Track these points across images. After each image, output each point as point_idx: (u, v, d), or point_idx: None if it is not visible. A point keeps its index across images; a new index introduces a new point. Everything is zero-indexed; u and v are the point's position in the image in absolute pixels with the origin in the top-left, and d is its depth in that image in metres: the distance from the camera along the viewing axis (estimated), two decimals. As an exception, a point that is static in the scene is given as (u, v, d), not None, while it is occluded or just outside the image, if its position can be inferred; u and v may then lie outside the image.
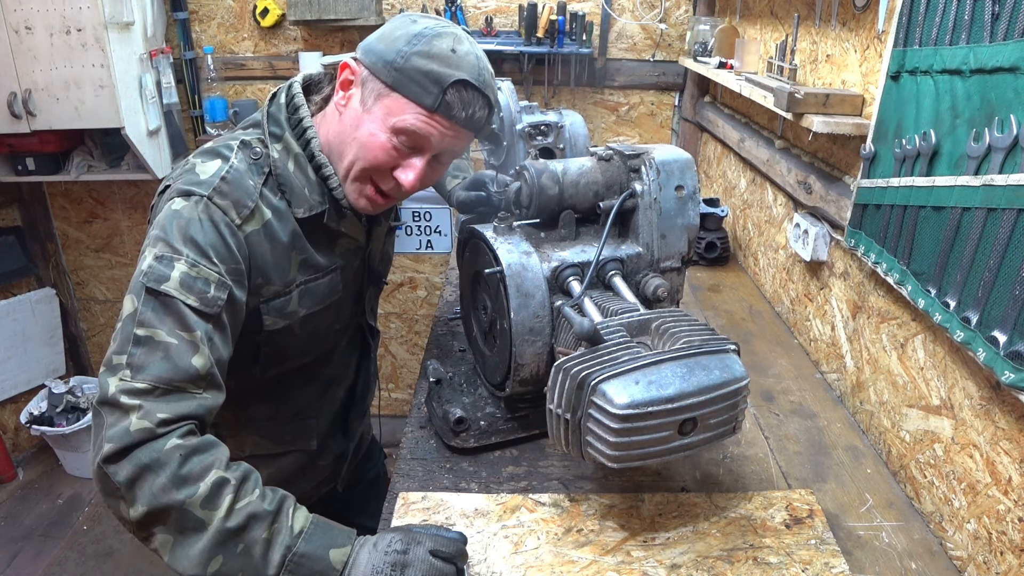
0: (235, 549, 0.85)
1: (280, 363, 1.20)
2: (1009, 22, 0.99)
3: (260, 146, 1.08)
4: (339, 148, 1.08)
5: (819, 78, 1.73)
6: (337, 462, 1.47)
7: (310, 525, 0.90)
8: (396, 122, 1.02)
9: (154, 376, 0.89)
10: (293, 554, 0.87)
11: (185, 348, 0.91)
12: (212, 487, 0.86)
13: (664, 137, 3.02)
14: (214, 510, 0.85)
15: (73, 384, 3.27)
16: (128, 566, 2.73)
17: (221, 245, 0.98)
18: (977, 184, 1.03)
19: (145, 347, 0.90)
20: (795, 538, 1.09)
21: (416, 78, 1.00)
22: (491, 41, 2.71)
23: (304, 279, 1.13)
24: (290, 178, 1.08)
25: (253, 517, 0.87)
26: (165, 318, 0.92)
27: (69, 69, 2.43)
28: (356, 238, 1.21)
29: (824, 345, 1.69)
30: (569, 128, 1.81)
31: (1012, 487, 1.03)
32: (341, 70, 1.05)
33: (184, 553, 0.85)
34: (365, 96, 1.04)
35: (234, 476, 0.89)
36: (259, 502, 0.88)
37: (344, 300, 1.25)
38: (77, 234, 3.26)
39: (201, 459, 0.88)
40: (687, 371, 0.94)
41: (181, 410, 0.89)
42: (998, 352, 0.98)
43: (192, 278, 0.94)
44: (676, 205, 1.26)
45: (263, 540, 0.86)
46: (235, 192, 1.02)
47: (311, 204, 1.09)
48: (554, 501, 1.17)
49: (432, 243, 3.24)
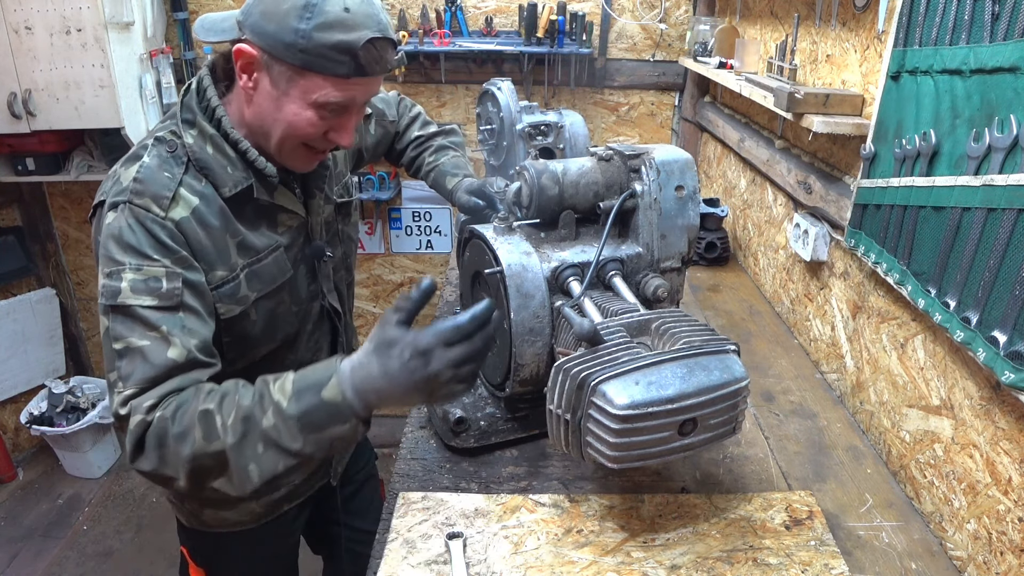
0: (256, 451, 0.90)
1: (244, 353, 1.19)
2: (1009, 22, 0.99)
3: (173, 137, 1.09)
4: (262, 128, 1.09)
5: (819, 78, 1.73)
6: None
7: (291, 387, 0.91)
8: (317, 98, 1.04)
9: (139, 379, 0.95)
10: (297, 420, 0.88)
11: (158, 346, 0.97)
12: (202, 425, 0.91)
13: (664, 137, 3.02)
14: (216, 439, 0.90)
15: (73, 384, 3.27)
16: (128, 566, 2.73)
17: (155, 242, 1.01)
18: (977, 184, 1.03)
19: (125, 358, 0.96)
20: (795, 539, 1.09)
21: (324, 54, 0.99)
22: (491, 41, 2.71)
23: (246, 262, 1.13)
24: (209, 160, 1.09)
25: (246, 419, 0.90)
26: (133, 326, 0.97)
27: (69, 69, 2.43)
28: (296, 212, 1.21)
29: (824, 345, 1.69)
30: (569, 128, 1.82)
31: (1012, 487, 1.03)
32: (236, 56, 1.03)
33: (234, 485, 0.92)
34: (275, 79, 1.03)
35: (212, 402, 0.92)
36: (242, 403, 0.92)
37: (297, 280, 1.24)
38: (77, 234, 3.26)
39: (184, 410, 0.93)
40: (687, 372, 0.94)
41: (163, 390, 0.95)
42: (998, 352, 0.98)
43: (141, 281, 0.98)
44: (676, 205, 1.26)
45: (270, 428, 0.89)
46: (150, 187, 1.03)
47: (235, 181, 1.10)
48: (554, 501, 1.17)
49: (432, 243, 3.24)
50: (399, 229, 3.20)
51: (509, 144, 1.84)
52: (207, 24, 1.09)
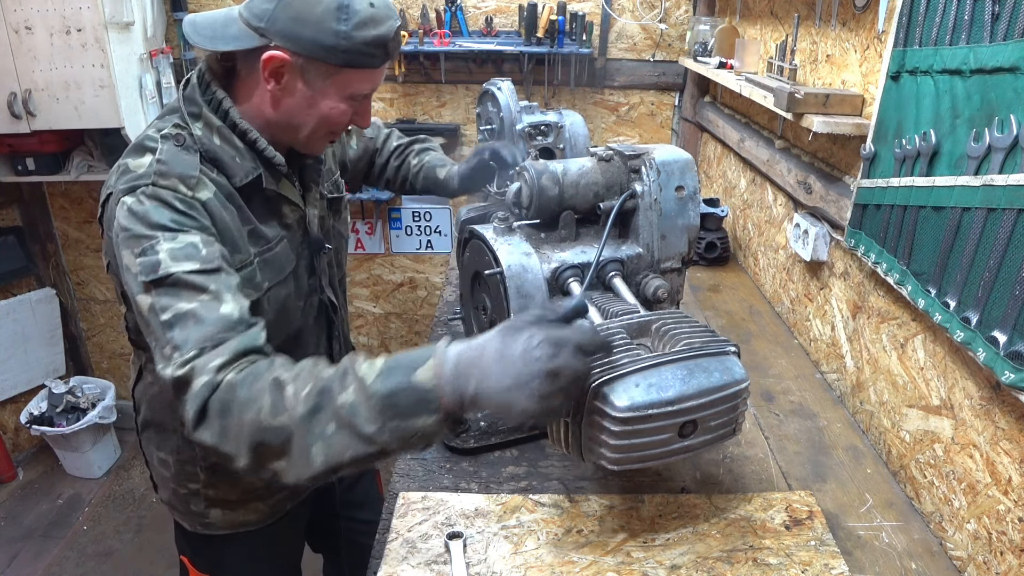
0: (326, 430, 0.82)
1: None
2: (1009, 22, 0.98)
3: (180, 131, 1.08)
4: (290, 124, 1.12)
5: (819, 78, 1.73)
6: None
7: (382, 365, 0.84)
8: (354, 91, 1.10)
9: (196, 341, 0.90)
10: (379, 399, 0.80)
11: (209, 306, 0.93)
12: (271, 394, 0.85)
13: (664, 137, 3.02)
14: (284, 412, 0.83)
15: (73, 384, 3.27)
16: (128, 566, 2.73)
17: (183, 217, 1.00)
18: (977, 184, 1.03)
19: (176, 326, 0.91)
20: (795, 539, 1.09)
21: (365, 50, 1.05)
22: (491, 41, 2.71)
23: (258, 250, 1.14)
24: (217, 151, 1.09)
25: (322, 391, 0.83)
26: (179, 293, 0.93)
27: (69, 69, 2.43)
28: (297, 203, 1.22)
29: (824, 345, 1.69)
30: (569, 128, 1.81)
31: (1012, 487, 1.03)
32: (266, 64, 1.04)
33: (295, 469, 0.84)
34: (310, 80, 1.06)
35: (286, 373, 0.87)
36: (322, 376, 0.85)
37: (299, 271, 1.26)
38: (77, 234, 3.26)
39: (254, 379, 0.87)
40: (687, 373, 0.94)
41: (235, 348, 0.90)
42: (998, 352, 0.98)
43: (179, 249, 0.95)
44: (676, 205, 1.26)
45: (348, 405, 0.82)
46: (176, 169, 1.02)
47: (245, 170, 1.11)
48: (554, 502, 1.17)
49: (432, 243, 3.24)
50: (399, 229, 3.20)
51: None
52: (205, 32, 1.07)
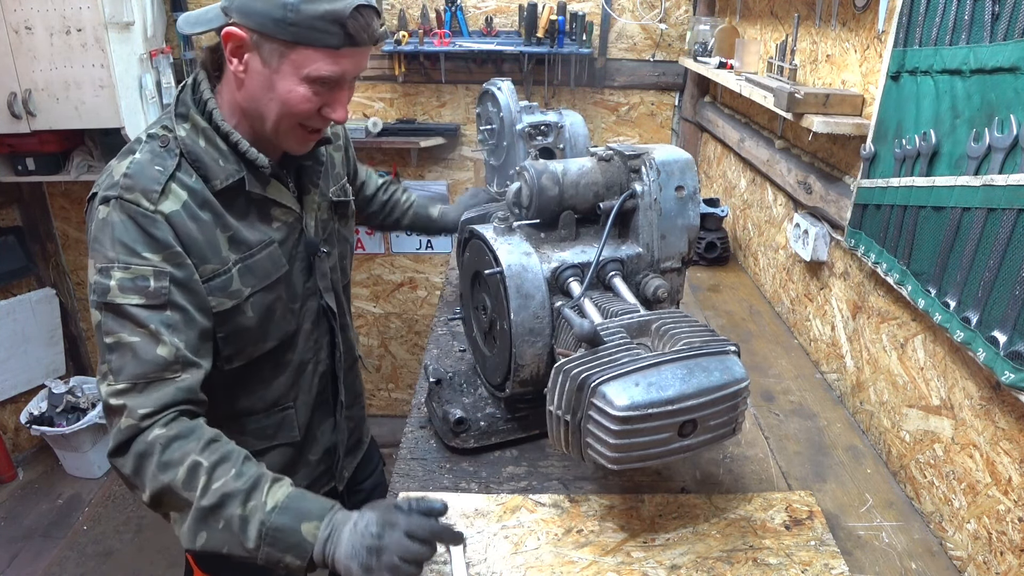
0: (216, 525, 0.93)
1: (242, 350, 1.20)
2: (1009, 22, 0.99)
3: (165, 132, 1.11)
4: (256, 111, 1.11)
5: (819, 78, 1.73)
6: (328, 456, 1.46)
7: (284, 499, 0.94)
8: (309, 72, 1.05)
9: (129, 375, 0.99)
10: (266, 528, 0.91)
11: (147, 343, 1.00)
12: (188, 471, 0.94)
13: (664, 137, 3.02)
14: (192, 491, 0.94)
15: (73, 384, 3.27)
16: (128, 566, 2.73)
17: (146, 238, 1.03)
18: (977, 184, 1.03)
19: (116, 352, 1.00)
20: (795, 539, 1.09)
21: (314, 25, 1.01)
22: (491, 41, 2.71)
23: (238, 257, 1.14)
24: (200, 154, 1.10)
25: (226, 496, 0.93)
26: (123, 322, 1.01)
27: (69, 69, 2.43)
28: (290, 207, 1.22)
29: (824, 345, 1.69)
30: (569, 128, 1.81)
31: (1012, 487, 1.03)
32: (225, 40, 1.05)
33: (180, 529, 0.95)
34: (266, 57, 1.05)
35: (209, 459, 0.96)
36: (233, 481, 0.94)
37: (293, 277, 1.25)
38: (77, 234, 3.26)
39: (180, 445, 0.97)
40: (687, 373, 0.94)
41: (161, 400, 0.99)
42: (998, 352, 0.98)
43: (129, 280, 1.01)
44: (676, 205, 1.26)
45: (239, 516, 0.92)
46: (140, 182, 1.05)
47: (227, 173, 1.12)
48: (554, 502, 1.17)
49: (432, 243, 3.24)
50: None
51: (509, 144, 1.84)
52: (191, 19, 1.11)
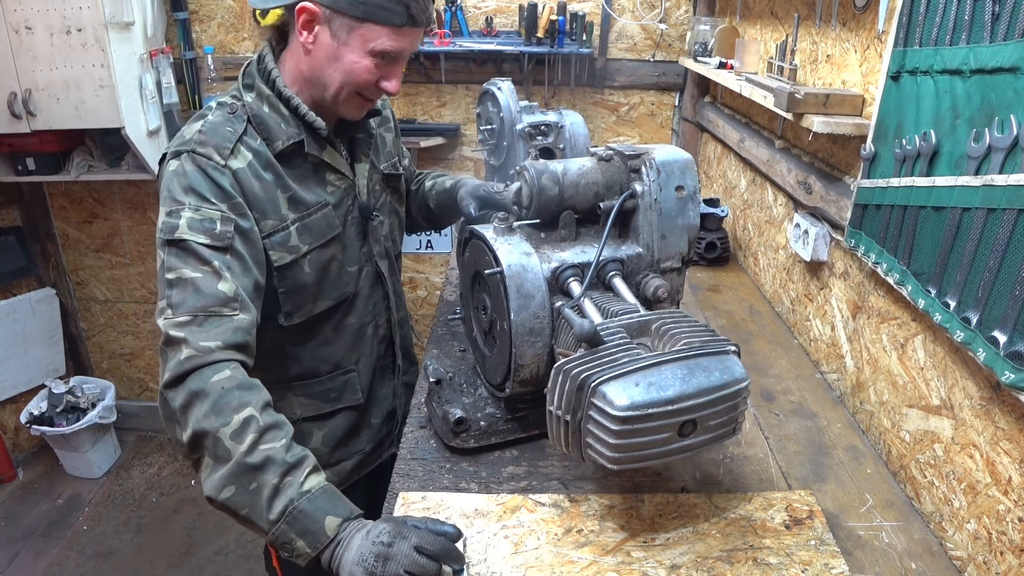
0: (248, 485, 0.94)
1: (301, 306, 1.29)
2: (1009, 22, 0.99)
3: (234, 100, 1.23)
4: (319, 79, 1.21)
5: (819, 78, 1.73)
6: (389, 419, 1.54)
7: (318, 488, 0.96)
8: (375, 46, 1.16)
9: (190, 307, 1.04)
10: (294, 507, 0.93)
11: (209, 279, 1.06)
12: (241, 422, 0.96)
13: (664, 137, 3.02)
14: (239, 443, 0.95)
15: (73, 384, 3.27)
16: (128, 566, 2.73)
17: (215, 187, 1.13)
18: (977, 184, 1.03)
19: (177, 287, 1.06)
20: (795, 539, 1.09)
21: (382, 4, 1.13)
22: (491, 41, 2.71)
23: (297, 216, 1.25)
24: (265, 118, 1.22)
25: (270, 460, 0.95)
26: (186, 259, 1.07)
27: (69, 69, 2.43)
28: (343, 172, 1.32)
29: (824, 345, 1.69)
30: (569, 128, 1.81)
31: (1012, 487, 1.03)
32: (299, 14, 1.15)
33: (210, 477, 0.96)
34: (336, 31, 1.16)
35: (264, 420, 0.98)
36: (281, 451, 0.96)
37: (348, 238, 1.35)
38: (77, 234, 3.26)
39: (240, 395, 0.99)
40: (687, 373, 0.94)
41: (220, 336, 1.03)
42: (998, 352, 0.98)
43: (198, 220, 1.09)
44: (676, 205, 1.26)
45: (272, 485, 0.93)
46: (213, 138, 1.16)
47: (288, 135, 1.23)
48: (554, 501, 1.17)
49: (432, 243, 3.24)
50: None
51: (509, 144, 1.84)
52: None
